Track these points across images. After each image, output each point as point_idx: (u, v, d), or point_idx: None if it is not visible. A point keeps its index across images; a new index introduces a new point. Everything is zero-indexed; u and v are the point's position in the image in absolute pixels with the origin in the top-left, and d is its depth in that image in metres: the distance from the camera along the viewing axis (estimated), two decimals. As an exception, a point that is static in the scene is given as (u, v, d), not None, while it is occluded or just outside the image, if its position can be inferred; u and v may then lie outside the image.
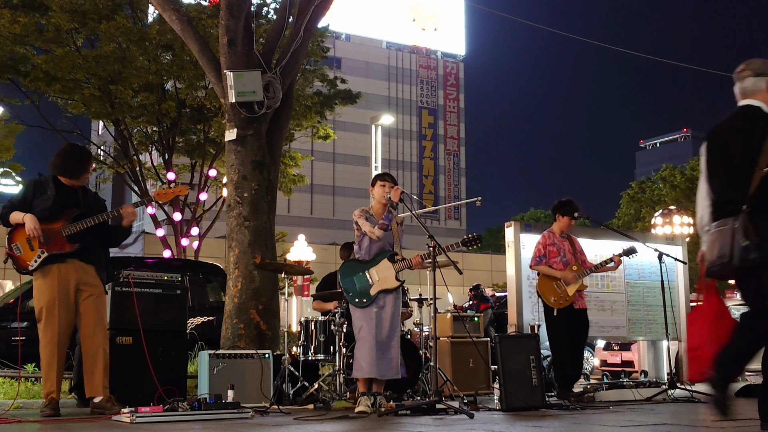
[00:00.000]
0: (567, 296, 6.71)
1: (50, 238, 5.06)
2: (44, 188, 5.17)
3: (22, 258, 5.07)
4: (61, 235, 5.07)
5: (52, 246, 5.06)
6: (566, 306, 6.70)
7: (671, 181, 35.19)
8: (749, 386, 7.46)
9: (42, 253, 5.04)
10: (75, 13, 15.90)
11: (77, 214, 5.14)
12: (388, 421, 4.84)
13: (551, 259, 6.85)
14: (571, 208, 6.98)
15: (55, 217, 5.10)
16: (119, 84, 16.35)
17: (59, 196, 5.15)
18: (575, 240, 7.13)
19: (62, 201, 5.15)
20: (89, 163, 5.37)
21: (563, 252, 6.89)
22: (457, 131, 59.20)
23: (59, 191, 5.17)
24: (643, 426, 4.46)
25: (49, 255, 5.04)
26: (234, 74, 7.44)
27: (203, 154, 18.95)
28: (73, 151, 5.36)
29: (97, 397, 5.06)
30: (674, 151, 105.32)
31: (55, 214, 5.10)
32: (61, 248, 5.07)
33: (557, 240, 6.94)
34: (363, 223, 5.70)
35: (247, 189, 7.50)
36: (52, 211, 5.09)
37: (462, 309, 11.51)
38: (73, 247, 5.09)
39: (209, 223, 20.12)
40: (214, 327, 8.52)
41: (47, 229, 5.06)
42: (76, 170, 5.25)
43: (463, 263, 25.12)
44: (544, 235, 7.01)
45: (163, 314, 6.03)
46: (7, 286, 17.62)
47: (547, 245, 6.90)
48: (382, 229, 5.62)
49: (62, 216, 5.12)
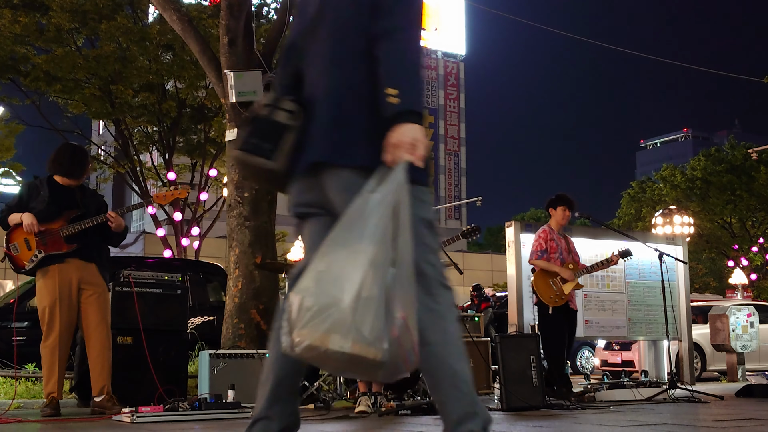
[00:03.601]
0: (563, 294, 6.64)
1: (49, 238, 5.06)
2: (39, 190, 5.17)
3: (18, 257, 5.07)
4: (60, 236, 5.06)
5: (50, 246, 5.05)
6: (562, 304, 6.63)
7: (671, 181, 35.18)
8: (749, 386, 7.46)
9: (39, 253, 5.04)
10: (75, 13, 15.91)
11: (76, 215, 5.14)
12: (388, 421, 4.84)
13: (550, 254, 6.76)
14: (563, 200, 6.96)
15: (52, 218, 5.09)
16: (120, 84, 16.36)
17: (54, 197, 5.14)
18: (570, 240, 7.07)
19: (58, 202, 5.14)
20: (87, 163, 5.35)
21: (560, 249, 6.82)
22: (457, 131, 59.19)
23: (54, 192, 5.16)
24: (643, 426, 4.46)
25: (46, 255, 5.04)
26: (234, 74, 7.43)
27: (204, 154, 18.96)
28: (69, 150, 5.35)
29: (98, 396, 5.06)
30: (674, 151, 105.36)
31: (52, 215, 5.09)
32: (59, 248, 5.06)
33: (555, 236, 6.86)
34: None
35: (247, 189, 7.49)
36: (47, 213, 5.08)
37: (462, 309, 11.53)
38: (71, 248, 5.08)
39: (210, 222, 20.12)
40: (215, 327, 8.52)
41: (46, 228, 5.06)
42: (73, 170, 5.24)
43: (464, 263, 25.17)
44: (544, 229, 6.90)
45: (163, 314, 6.03)
46: (7, 286, 17.61)
47: (548, 240, 6.80)
48: None
49: (61, 217, 5.12)
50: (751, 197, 32.02)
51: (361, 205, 2.00)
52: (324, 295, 1.92)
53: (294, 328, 1.95)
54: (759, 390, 7.21)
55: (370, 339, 1.88)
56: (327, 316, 1.89)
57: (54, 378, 4.97)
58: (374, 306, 1.89)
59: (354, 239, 1.95)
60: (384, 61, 2.16)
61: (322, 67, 2.31)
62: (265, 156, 2.27)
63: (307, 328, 1.91)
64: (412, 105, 2.11)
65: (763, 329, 11.29)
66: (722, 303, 14.10)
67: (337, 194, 2.20)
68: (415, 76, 2.17)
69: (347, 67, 2.25)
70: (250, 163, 2.32)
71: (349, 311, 1.87)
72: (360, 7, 2.24)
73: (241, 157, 2.32)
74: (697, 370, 11.21)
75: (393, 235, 1.97)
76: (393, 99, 2.10)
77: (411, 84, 2.15)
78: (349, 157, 2.18)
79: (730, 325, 10.55)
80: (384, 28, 2.18)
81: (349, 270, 1.91)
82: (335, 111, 2.23)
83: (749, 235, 32.91)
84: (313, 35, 2.36)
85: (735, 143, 35.77)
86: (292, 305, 1.97)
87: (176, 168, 19.72)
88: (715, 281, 39.56)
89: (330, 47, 2.29)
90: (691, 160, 36.86)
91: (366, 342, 1.88)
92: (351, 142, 2.19)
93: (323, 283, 1.93)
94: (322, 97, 2.27)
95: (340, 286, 1.90)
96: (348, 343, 1.87)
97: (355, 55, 2.24)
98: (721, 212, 32.66)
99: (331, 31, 2.31)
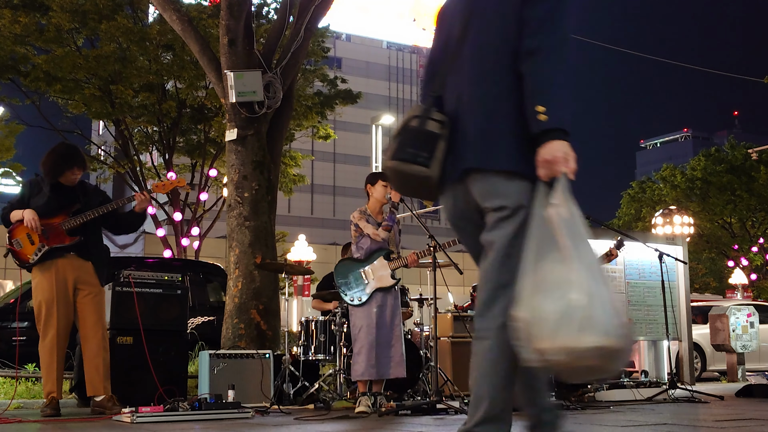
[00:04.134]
0: None
1: (50, 232, 5.06)
2: (40, 187, 5.19)
3: (22, 252, 5.08)
4: (61, 229, 5.07)
5: (53, 239, 5.06)
6: None
7: (671, 181, 35.16)
8: (749, 386, 7.46)
9: (42, 246, 5.04)
10: (75, 13, 15.90)
11: (77, 209, 5.15)
12: (388, 421, 4.84)
13: None
14: None
15: (53, 214, 5.10)
16: (120, 84, 16.35)
17: (55, 194, 5.15)
18: None
19: (59, 198, 5.15)
20: (68, 162, 5.18)
21: None
22: (457, 131, 59.27)
23: (55, 189, 5.17)
24: (643, 426, 4.46)
25: (49, 249, 5.05)
26: (234, 74, 7.44)
27: (204, 154, 18.95)
28: (54, 152, 5.22)
29: (98, 396, 5.06)
30: (674, 151, 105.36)
31: (53, 210, 5.11)
32: (62, 241, 5.08)
33: None
34: (365, 225, 5.70)
35: (247, 189, 7.50)
36: (49, 208, 5.10)
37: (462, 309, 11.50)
38: (74, 240, 5.09)
39: (210, 223, 20.12)
40: (215, 327, 8.52)
41: (47, 223, 5.07)
42: (55, 170, 5.14)
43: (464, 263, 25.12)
44: None
45: (163, 314, 6.03)
46: (7, 286, 17.62)
47: None
48: (386, 230, 5.63)
49: (62, 211, 5.13)
50: (751, 197, 31.98)
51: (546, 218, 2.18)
52: (558, 302, 2.06)
53: (537, 339, 2.07)
54: (759, 390, 7.21)
55: (612, 330, 2.03)
56: (571, 319, 2.03)
57: (52, 376, 4.97)
58: (605, 301, 2.05)
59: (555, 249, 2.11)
60: (531, 79, 2.28)
61: (468, 80, 2.43)
62: (423, 164, 2.39)
63: (556, 334, 2.04)
64: (560, 122, 2.23)
65: (763, 329, 11.28)
66: (722, 303, 14.11)
67: (484, 196, 2.34)
68: (562, 94, 2.27)
69: (494, 80, 2.38)
70: (408, 172, 2.42)
71: (590, 309, 2.02)
72: (507, 23, 2.36)
73: (398, 166, 2.43)
74: (697, 370, 11.22)
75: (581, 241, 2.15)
76: (542, 116, 2.22)
77: (558, 102, 2.26)
78: (496, 162, 2.32)
79: (730, 325, 10.56)
80: (532, 46, 2.29)
81: (570, 275, 2.07)
82: (484, 122, 2.36)
83: (749, 235, 32.88)
84: (458, 49, 2.47)
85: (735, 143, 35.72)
86: (523, 321, 2.11)
87: (176, 168, 19.71)
88: (715, 281, 39.56)
89: (477, 61, 2.42)
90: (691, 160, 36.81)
91: (610, 334, 2.03)
92: (499, 149, 2.33)
93: (551, 292, 2.08)
94: (471, 109, 2.40)
95: (569, 289, 2.05)
96: (600, 338, 2.01)
97: (501, 69, 2.36)
98: (721, 212, 32.63)
99: (478, 46, 2.42)
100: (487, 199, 2.34)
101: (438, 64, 2.59)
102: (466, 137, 2.38)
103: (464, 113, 2.40)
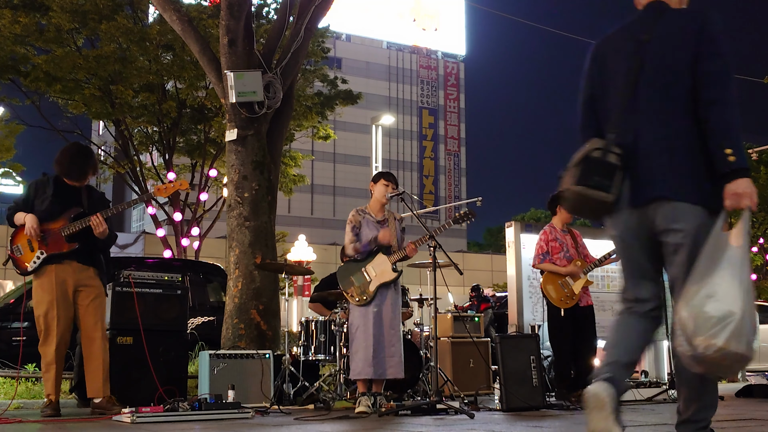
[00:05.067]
0: (573, 294, 6.49)
1: (50, 237, 5.06)
2: (45, 188, 5.18)
3: (21, 259, 5.08)
4: (61, 235, 5.07)
5: (52, 246, 5.06)
6: (573, 305, 6.48)
7: (672, 181, 35.20)
8: (749, 386, 7.46)
9: (41, 253, 5.04)
10: (75, 13, 15.90)
11: (78, 213, 5.14)
12: (388, 422, 4.84)
13: (554, 256, 6.61)
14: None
15: (55, 217, 5.10)
16: (120, 84, 16.36)
17: (58, 196, 5.14)
18: (577, 234, 6.90)
19: (61, 201, 5.14)
20: (87, 164, 5.26)
21: (566, 247, 6.66)
22: (457, 131, 59.20)
23: (59, 191, 5.16)
24: (643, 426, 4.46)
25: (48, 255, 5.04)
26: (234, 74, 7.44)
27: (204, 155, 18.96)
28: (71, 151, 5.28)
29: (98, 397, 5.06)
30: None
31: (54, 213, 5.10)
32: (60, 248, 5.07)
33: (559, 235, 6.70)
34: (347, 232, 5.80)
35: (247, 189, 7.50)
36: (50, 212, 5.09)
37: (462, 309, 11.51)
38: (72, 247, 5.08)
39: (210, 223, 20.13)
40: (215, 327, 8.53)
41: (48, 229, 5.06)
42: (71, 170, 5.19)
43: (464, 263, 25.15)
44: (544, 231, 6.74)
45: (163, 314, 6.04)
46: (7, 286, 17.62)
47: (550, 241, 6.65)
48: (357, 252, 5.72)
49: (63, 216, 5.12)
50: (751, 197, 32.02)
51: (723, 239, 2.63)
52: (719, 310, 2.52)
53: (696, 336, 2.54)
54: (759, 390, 7.21)
55: (750, 342, 2.54)
56: (726, 324, 2.50)
57: (51, 378, 4.97)
58: (750, 318, 2.55)
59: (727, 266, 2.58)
60: (717, 125, 2.72)
61: (648, 120, 2.85)
62: (606, 191, 2.83)
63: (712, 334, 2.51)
64: (744, 163, 2.69)
65: (763, 329, 11.29)
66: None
67: (669, 222, 2.79)
68: (741, 138, 2.75)
69: (675, 120, 2.81)
70: (592, 197, 2.85)
71: (741, 323, 2.50)
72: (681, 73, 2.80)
73: (584, 191, 2.85)
74: (697, 370, 11.20)
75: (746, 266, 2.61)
76: (731, 157, 2.67)
77: (741, 145, 2.73)
78: (684, 194, 2.77)
79: (731, 326, 10.54)
80: (714, 97, 2.73)
81: (732, 291, 2.55)
82: (667, 159, 2.80)
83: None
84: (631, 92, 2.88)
85: (735, 143, 35.72)
86: (686, 319, 2.58)
87: (176, 168, 19.72)
88: (715, 281, 39.50)
89: (657, 103, 2.84)
90: (691, 161, 36.81)
91: (749, 344, 2.53)
92: (685, 182, 2.78)
93: (715, 300, 2.54)
94: (653, 146, 2.83)
95: (730, 302, 2.52)
96: (744, 348, 2.51)
97: (680, 110, 2.80)
98: (721, 212, 32.65)
99: (654, 90, 2.85)
100: (673, 223, 2.78)
101: (598, 101, 3.03)
102: (651, 170, 2.81)
103: (644, 149, 2.83)
